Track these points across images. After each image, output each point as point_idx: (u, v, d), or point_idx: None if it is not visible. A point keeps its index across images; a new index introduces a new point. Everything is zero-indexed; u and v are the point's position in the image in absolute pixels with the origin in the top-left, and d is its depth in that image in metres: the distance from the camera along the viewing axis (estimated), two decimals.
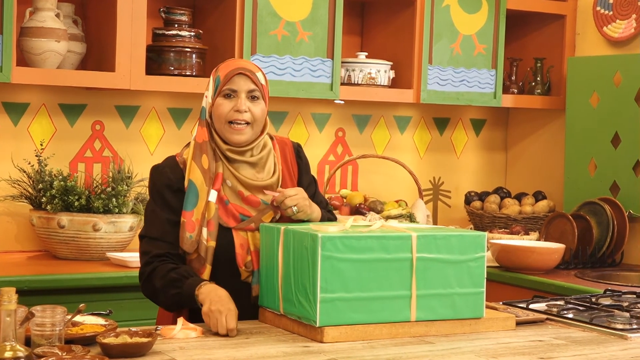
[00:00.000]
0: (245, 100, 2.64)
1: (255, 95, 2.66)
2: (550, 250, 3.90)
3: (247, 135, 2.65)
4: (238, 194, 2.65)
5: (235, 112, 2.63)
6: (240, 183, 2.66)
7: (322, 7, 4.08)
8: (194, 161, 2.65)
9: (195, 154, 2.66)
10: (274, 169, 2.73)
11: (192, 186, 2.63)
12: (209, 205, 2.62)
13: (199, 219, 2.62)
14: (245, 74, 2.65)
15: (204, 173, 2.64)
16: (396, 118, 4.77)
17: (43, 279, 3.34)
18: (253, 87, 2.65)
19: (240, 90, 2.64)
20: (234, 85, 2.64)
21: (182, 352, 2.22)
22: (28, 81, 3.59)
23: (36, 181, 3.71)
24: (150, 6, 3.82)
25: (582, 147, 4.50)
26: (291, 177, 2.78)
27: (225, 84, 2.64)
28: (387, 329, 2.43)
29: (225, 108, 2.63)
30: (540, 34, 4.85)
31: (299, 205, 2.62)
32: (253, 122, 2.65)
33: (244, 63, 2.72)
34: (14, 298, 1.94)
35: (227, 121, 2.64)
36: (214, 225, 2.62)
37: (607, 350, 2.41)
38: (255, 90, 2.66)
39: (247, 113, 2.63)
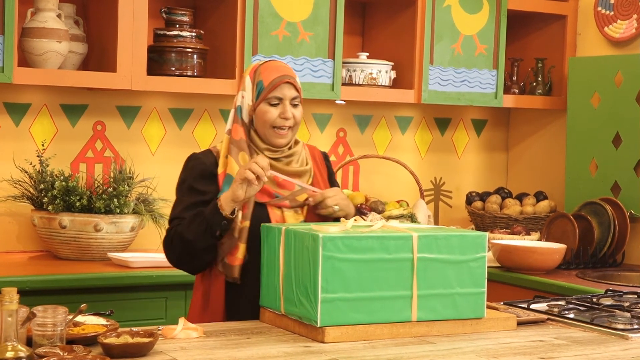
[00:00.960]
0: (290, 107, 2.78)
1: (297, 102, 2.80)
2: (551, 251, 3.90)
3: (288, 138, 2.80)
4: (273, 179, 2.75)
5: (282, 119, 2.76)
6: (274, 168, 2.76)
7: (323, 8, 4.09)
8: (231, 156, 2.75)
9: (231, 149, 2.77)
10: (306, 162, 2.86)
11: (228, 178, 2.73)
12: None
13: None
14: (289, 82, 2.77)
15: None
16: (397, 118, 4.77)
17: (44, 279, 3.34)
18: (296, 94, 2.80)
19: (285, 98, 2.77)
20: (280, 93, 2.77)
21: (183, 352, 2.22)
22: (29, 82, 3.59)
23: (38, 181, 3.72)
24: (152, 7, 3.83)
25: (583, 147, 4.50)
26: (321, 175, 2.90)
27: (271, 91, 2.76)
28: (388, 329, 2.43)
29: (272, 115, 2.76)
30: (541, 34, 4.85)
31: (340, 205, 2.75)
32: (294, 125, 2.80)
33: (285, 69, 2.82)
34: (16, 298, 1.94)
35: (272, 126, 2.76)
36: (248, 207, 2.71)
37: (608, 350, 2.41)
38: (296, 98, 2.80)
39: (291, 119, 2.78)
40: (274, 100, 2.76)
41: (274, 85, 2.75)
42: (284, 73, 2.78)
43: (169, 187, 4.09)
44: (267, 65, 2.81)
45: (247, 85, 2.79)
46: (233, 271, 2.69)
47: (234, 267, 2.69)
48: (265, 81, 2.76)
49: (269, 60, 2.86)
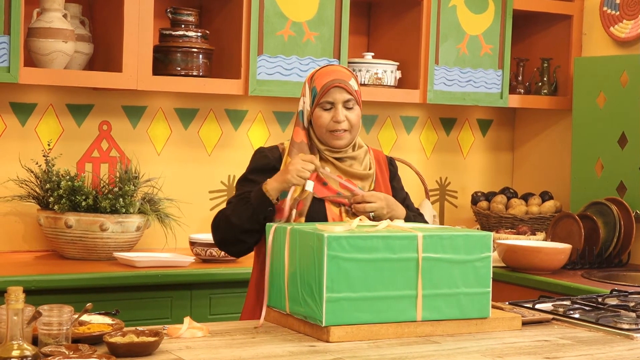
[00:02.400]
0: (342, 110, 2.81)
1: (350, 105, 2.83)
2: (556, 251, 3.89)
3: (346, 140, 2.85)
4: (336, 178, 2.81)
5: (334, 122, 2.80)
6: (338, 169, 2.83)
7: (328, 8, 4.09)
8: (290, 157, 2.81)
9: (291, 150, 2.83)
10: (370, 166, 2.91)
11: None
12: (304, 193, 2.76)
13: (291, 205, 2.74)
14: (339, 86, 2.81)
15: None
16: (403, 118, 4.77)
17: (50, 278, 3.35)
18: (348, 97, 2.82)
19: (336, 102, 2.82)
20: (331, 97, 2.81)
21: (188, 351, 2.23)
22: (35, 81, 3.60)
23: (43, 181, 3.72)
24: (157, 7, 3.83)
25: (588, 147, 4.49)
26: (383, 179, 2.94)
27: (322, 96, 2.81)
28: (393, 328, 2.43)
29: (325, 120, 2.82)
30: (547, 34, 4.84)
31: (376, 212, 2.78)
32: (351, 128, 2.84)
33: (338, 73, 2.85)
34: (21, 297, 1.95)
35: (327, 130, 2.82)
36: (305, 203, 2.76)
37: (613, 350, 2.41)
38: (350, 101, 2.83)
39: (345, 122, 2.81)
40: (326, 105, 2.82)
41: (325, 90, 2.80)
42: (336, 77, 2.82)
43: (174, 187, 4.12)
44: (322, 71, 2.87)
45: (306, 91, 2.86)
46: None
47: None
48: (318, 86, 2.82)
49: (327, 65, 2.92)
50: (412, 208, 3.01)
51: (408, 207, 2.97)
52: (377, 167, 2.95)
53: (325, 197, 2.80)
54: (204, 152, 4.25)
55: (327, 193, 2.81)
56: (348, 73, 2.87)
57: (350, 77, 2.86)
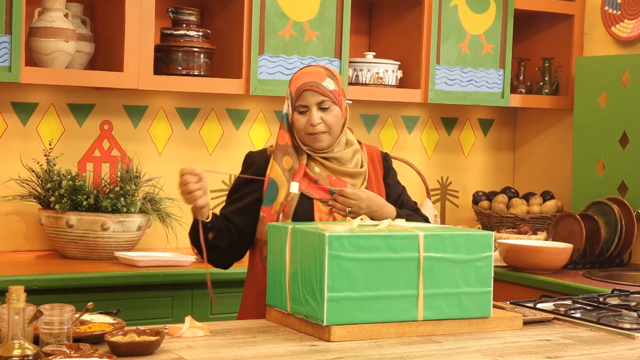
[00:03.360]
0: (317, 113, 2.78)
1: (325, 106, 2.79)
2: (558, 250, 3.89)
3: (326, 142, 2.81)
4: (326, 178, 2.80)
5: (310, 125, 2.78)
6: (327, 169, 2.81)
7: (329, 7, 4.09)
8: (275, 160, 2.80)
9: (276, 154, 2.81)
10: (361, 164, 2.88)
11: (272, 182, 2.79)
12: (289, 195, 2.76)
13: (277, 210, 2.76)
14: (311, 89, 2.78)
15: (284, 172, 2.79)
16: (404, 118, 4.77)
17: (52, 278, 3.35)
18: (321, 99, 2.79)
19: (310, 105, 2.79)
20: (304, 101, 2.79)
21: (189, 350, 2.23)
22: (37, 81, 3.60)
23: (45, 181, 3.72)
24: (159, 6, 3.83)
25: (590, 147, 4.49)
26: (376, 176, 2.91)
27: (297, 100, 2.79)
28: (394, 328, 2.43)
29: (301, 123, 2.79)
30: (548, 33, 4.84)
31: (352, 209, 2.75)
32: (329, 129, 2.80)
33: (311, 74, 2.82)
34: (23, 296, 1.95)
35: (305, 133, 2.79)
36: (290, 205, 2.75)
37: (614, 349, 2.40)
38: (324, 102, 2.79)
39: (321, 124, 2.78)
40: (301, 109, 2.80)
41: (298, 94, 2.79)
42: (308, 80, 2.80)
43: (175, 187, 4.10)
44: (298, 74, 2.85)
45: (288, 94, 2.85)
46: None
47: None
48: (293, 90, 2.81)
49: (305, 67, 2.90)
50: (407, 204, 2.98)
51: (403, 204, 2.94)
52: (370, 164, 2.92)
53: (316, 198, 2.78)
54: (205, 151, 4.25)
55: (318, 191, 2.80)
56: (323, 73, 2.82)
57: (325, 77, 2.80)
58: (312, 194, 2.80)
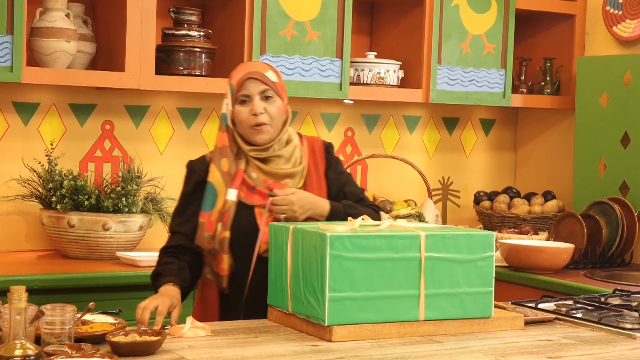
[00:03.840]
0: (260, 102, 2.73)
1: (268, 94, 2.75)
2: (559, 250, 3.89)
3: (269, 134, 2.76)
4: (263, 182, 2.76)
5: (252, 116, 2.72)
6: (264, 173, 2.76)
7: (331, 7, 4.09)
8: (214, 164, 2.76)
9: (214, 158, 2.78)
10: (300, 161, 2.82)
11: (210, 187, 2.75)
12: (227, 203, 2.71)
13: (216, 218, 2.71)
14: (254, 77, 2.73)
15: (223, 175, 2.74)
16: (405, 118, 4.77)
17: (53, 278, 3.35)
18: (264, 87, 2.74)
19: (252, 94, 2.74)
20: (246, 90, 2.74)
21: (191, 350, 2.23)
22: (38, 81, 3.60)
23: (46, 181, 3.73)
24: (160, 6, 3.84)
25: (591, 146, 4.49)
26: (317, 171, 2.86)
27: (239, 90, 2.74)
28: (396, 328, 2.43)
29: (243, 114, 2.74)
30: (550, 33, 4.84)
31: (287, 214, 2.71)
32: (271, 121, 2.75)
33: (253, 66, 2.80)
34: (24, 296, 1.95)
35: (248, 125, 2.74)
36: (229, 216, 2.71)
37: (615, 349, 2.40)
38: (267, 90, 2.75)
39: (264, 114, 2.73)
40: (242, 98, 2.74)
41: (239, 84, 2.74)
42: (250, 70, 2.76)
43: (177, 187, 4.08)
44: (238, 68, 2.81)
45: (227, 92, 2.79)
46: (222, 281, 2.73)
47: (222, 277, 2.73)
48: (234, 82, 2.76)
49: (244, 63, 2.88)
50: (351, 194, 2.89)
51: (345, 195, 2.87)
52: (311, 158, 2.85)
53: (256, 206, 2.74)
54: (206, 151, 4.22)
55: (257, 197, 2.75)
56: (265, 66, 2.80)
57: (268, 69, 2.79)
58: (251, 201, 2.75)
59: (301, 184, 2.80)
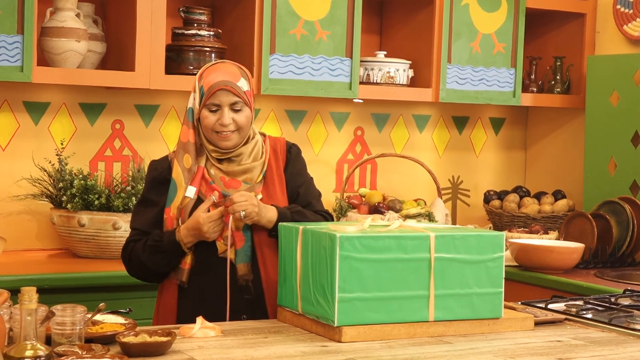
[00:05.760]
0: (229, 113, 2.71)
1: (238, 107, 2.72)
2: (569, 250, 3.88)
3: (233, 141, 2.74)
4: (220, 180, 2.74)
5: (220, 125, 2.71)
6: (222, 171, 2.75)
7: (341, 6, 4.09)
8: (176, 160, 2.75)
9: (178, 152, 2.76)
10: (260, 156, 2.79)
11: (172, 184, 2.75)
12: (185, 200, 2.71)
13: (174, 214, 2.72)
14: (225, 89, 2.70)
15: (184, 172, 2.73)
16: (415, 117, 4.76)
17: (63, 277, 3.37)
18: (235, 99, 2.72)
19: (222, 105, 2.71)
20: (216, 99, 2.71)
21: (200, 351, 2.23)
22: (48, 81, 3.61)
23: (57, 180, 3.74)
24: (170, 6, 3.84)
25: (602, 146, 4.48)
26: (277, 166, 2.82)
27: (209, 97, 2.71)
28: (405, 328, 2.43)
29: (210, 121, 2.72)
30: (560, 32, 4.83)
31: (247, 212, 2.67)
32: (239, 129, 2.73)
33: (226, 73, 2.73)
34: (35, 297, 1.95)
35: (213, 131, 2.72)
36: (187, 212, 2.71)
37: (625, 350, 2.40)
38: (237, 103, 2.72)
39: (232, 124, 2.71)
40: (212, 107, 2.71)
41: (211, 92, 2.70)
42: (223, 78, 2.71)
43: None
44: (210, 69, 2.75)
45: (195, 88, 2.76)
46: (182, 274, 2.74)
47: (183, 271, 2.73)
48: (205, 87, 2.72)
49: (216, 63, 2.81)
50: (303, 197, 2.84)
51: (298, 196, 2.83)
52: (272, 155, 2.81)
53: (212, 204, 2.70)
54: None
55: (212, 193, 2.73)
56: (238, 72, 2.74)
57: (240, 77, 2.73)
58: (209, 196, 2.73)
59: (260, 178, 2.77)
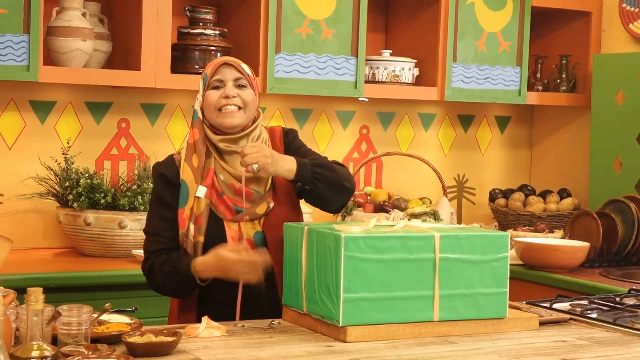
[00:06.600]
0: (233, 88, 2.69)
1: (242, 83, 2.71)
2: (574, 249, 3.88)
3: (239, 119, 2.69)
4: (230, 187, 2.70)
5: (223, 98, 2.67)
6: (232, 175, 2.70)
7: (346, 5, 4.09)
8: (186, 161, 2.71)
9: (187, 154, 2.72)
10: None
11: (183, 185, 2.71)
12: (198, 201, 2.67)
13: (188, 215, 2.69)
14: (229, 64, 2.71)
15: (194, 171, 2.70)
16: (420, 115, 4.76)
17: (69, 275, 3.38)
18: (239, 75, 2.71)
19: (226, 80, 2.70)
20: (220, 75, 2.70)
21: (206, 351, 2.24)
22: (55, 80, 3.62)
23: (63, 179, 3.75)
24: (176, 5, 3.85)
25: (607, 144, 4.47)
26: None
27: (212, 76, 2.70)
28: (410, 328, 2.43)
29: (214, 97, 2.68)
30: (566, 30, 4.83)
31: (259, 163, 2.57)
32: (244, 106, 2.69)
33: (229, 58, 2.77)
34: (41, 298, 1.96)
35: (217, 108, 2.68)
36: (203, 220, 2.67)
37: (630, 351, 2.40)
38: (241, 79, 2.71)
39: (237, 98, 2.68)
40: (215, 84, 2.69)
41: (214, 70, 2.70)
42: (226, 58, 2.74)
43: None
44: (212, 61, 2.78)
45: (200, 86, 2.75)
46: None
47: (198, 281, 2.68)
48: (209, 71, 2.72)
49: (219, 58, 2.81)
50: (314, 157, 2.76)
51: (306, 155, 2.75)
52: (273, 147, 2.77)
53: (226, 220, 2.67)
54: None
55: (228, 214, 2.68)
56: (240, 62, 2.76)
57: (244, 64, 2.75)
58: (219, 211, 2.68)
59: (269, 185, 2.73)
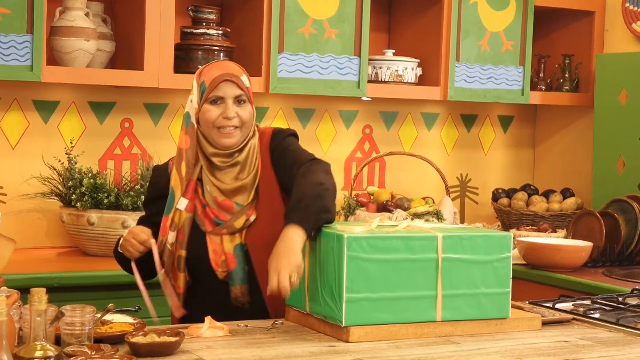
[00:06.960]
0: (233, 106, 2.65)
1: (242, 99, 2.67)
2: (577, 248, 3.88)
3: (236, 138, 2.66)
4: (214, 199, 2.67)
5: (223, 118, 2.64)
6: (217, 188, 2.68)
7: (349, 5, 4.09)
8: (175, 168, 2.70)
9: (177, 160, 2.70)
10: (254, 165, 2.70)
11: (171, 192, 2.70)
12: (178, 213, 2.67)
13: (169, 224, 2.68)
14: (230, 80, 2.65)
15: (181, 180, 2.68)
16: (423, 115, 4.77)
17: (73, 275, 3.38)
18: (239, 92, 2.66)
19: (226, 97, 2.65)
20: (220, 92, 2.65)
21: (209, 351, 2.24)
22: (58, 80, 3.63)
23: (66, 178, 3.75)
24: (179, 5, 3.85)
25: (610, 144, 4.47)
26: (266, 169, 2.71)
27: (212, 90, 2.65)
28: (413, 329, 2.44)
29: (213, 114, 2.64)
30: (569, 30, 4.82)
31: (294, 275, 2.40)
32: (242, 125, 2.66)
33: (228, 67, 2.71)
34: (44, 298, 1.97)
35: (215, 127, 2.65)
36: (184, 234, 2.66)
37: (633, 351, 2.40)
38: (241, 95, 2.67)
39: (236, 118, 2.65)
40: (213, 98, 2.64)
41: (215, 84, 2.64)
42: (226, 71, 2.66)
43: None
44: (211, 66, 2.71)
45: (194, 89, 2.70)
46: (178, 298, 2.72)
47: (179, 295, 2.71)
48: (207, 81, 2.65)
49: (216, 61, 2.78)
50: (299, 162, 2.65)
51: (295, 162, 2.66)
52: (261, 153, 2.72)
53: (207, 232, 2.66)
54: None
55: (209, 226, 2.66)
56: (239, 69, 2.71)
57: (242, 73, 2.70)
58: (202, 223, 2.67)
59: (251, 197, 2.67)
